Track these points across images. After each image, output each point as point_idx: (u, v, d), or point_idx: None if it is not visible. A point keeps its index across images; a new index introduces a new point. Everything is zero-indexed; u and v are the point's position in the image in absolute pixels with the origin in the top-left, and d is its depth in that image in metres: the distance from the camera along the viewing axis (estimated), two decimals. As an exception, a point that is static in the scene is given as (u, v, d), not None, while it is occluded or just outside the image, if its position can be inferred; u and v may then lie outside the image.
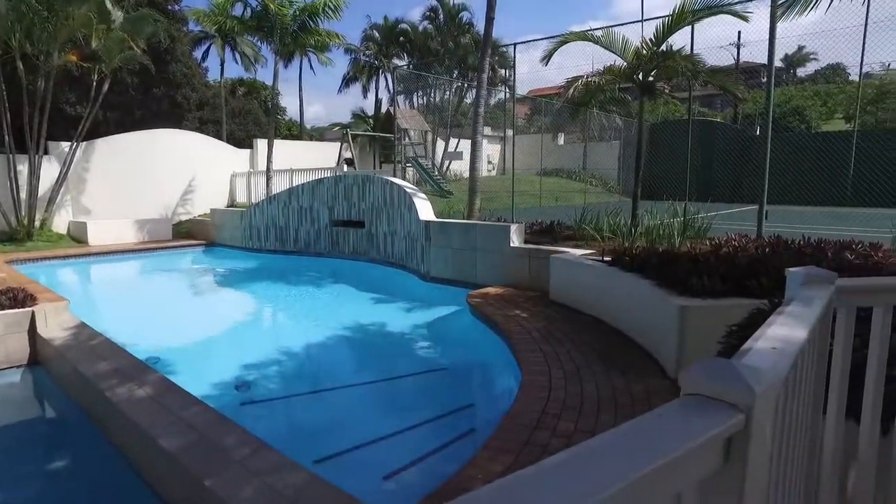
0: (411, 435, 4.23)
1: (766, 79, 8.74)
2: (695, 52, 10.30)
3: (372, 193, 10.91)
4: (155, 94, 19.13)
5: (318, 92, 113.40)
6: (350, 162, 20.39)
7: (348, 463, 3.80)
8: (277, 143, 18.57)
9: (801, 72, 44.07)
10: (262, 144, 18.82)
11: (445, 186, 20.36)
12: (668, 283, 4.82)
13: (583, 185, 24.09)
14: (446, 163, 29.54)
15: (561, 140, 31.67)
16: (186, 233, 15.32)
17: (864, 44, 14.02)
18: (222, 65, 26.59)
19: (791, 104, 25.72)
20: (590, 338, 5.39)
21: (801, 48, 41.02)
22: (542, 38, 10.14)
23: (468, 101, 30.61)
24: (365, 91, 35.02)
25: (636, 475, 0.65)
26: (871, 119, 23.44)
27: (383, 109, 32.77)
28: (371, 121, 32.70)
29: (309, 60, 30.66)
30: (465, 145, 26.17)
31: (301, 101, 34.17)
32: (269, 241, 12.94)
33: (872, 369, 1.91)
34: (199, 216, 16.44)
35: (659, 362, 4.68)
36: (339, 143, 21.30)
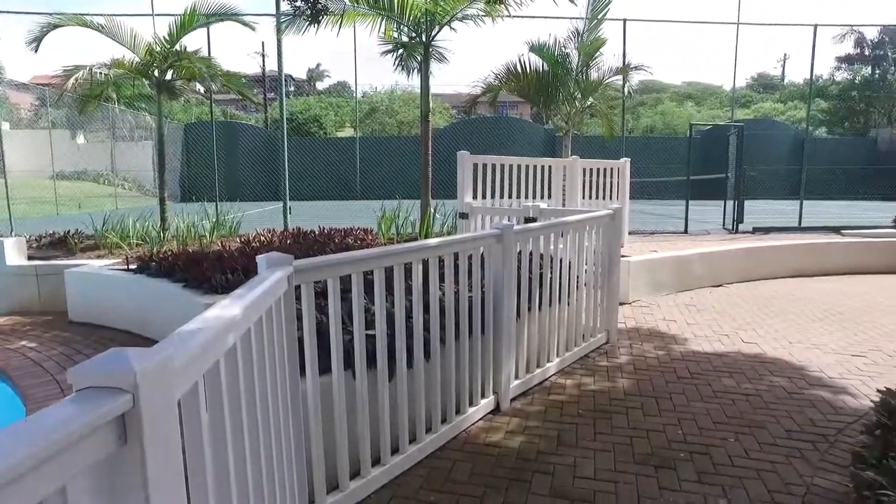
0: None
1: (279, 87, 9.57)
2: (214, 55, 10.46)
3: None
4: None
5: None
6: None
7: None
8: None
9: (320, 85, 49.99)
10: None
11: None
12: (195, 284, 4.82)
13: (113, 189, 21.63)
14: None
15: (81, 138, 27.51)
16: None
17: (356, 69, 17.11)
18: None
19: (311, 112, 29.04)
20: (117, 355, 4.92)
21: (318, 65, 46.77)
22: (30, 13, 8.52)
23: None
24: None
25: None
26: (369, 129, 28.67)
27: None
28: None
29: None
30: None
31: None
32: None
33: (332, 328, 2.35)
34: None
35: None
36: None
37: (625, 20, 10.40)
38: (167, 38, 8.47)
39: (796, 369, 4.29)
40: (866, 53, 37.45)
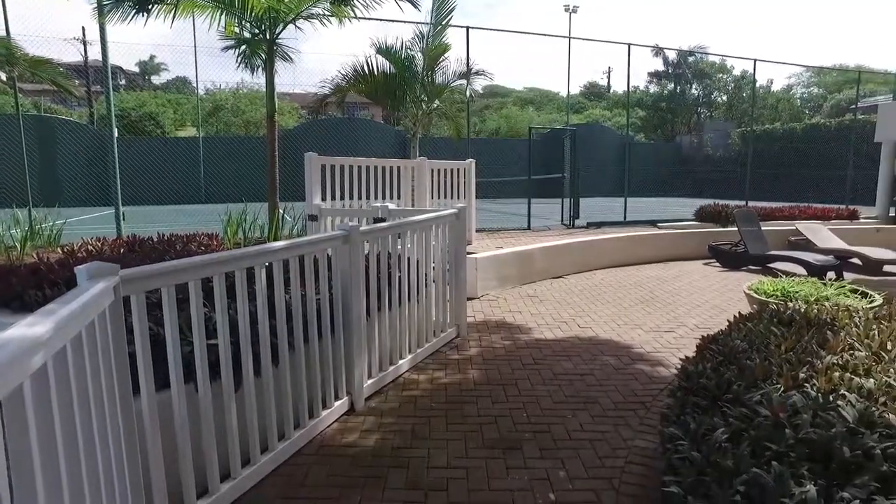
0: None
1: (100, 79, 8.66)
2: (19, 35, 9.17)
3: None
4: None
5: None
6: None
7: None
8: None
9: (157, 80, 45.90)
10: None
11: None
12: (3, 302, 4.24)
13: None
14: None
15: None
16: None
17: (196, 64, 16.01)
18: None
19: (146, 109, 26.54)
20: None
21: (152, 57, 42.83)
22: None
23: None
24: None
25: None
26: (213, 128, 26.93)
27: None
28: None
29: None
30: None
31: None
32: None
33: (169, 340, 2.21)
34: None
35: None
36: None
37: (468, 28, 10.88)
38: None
39: (623, 348, 4.82)
40: (670, 71, 43.19)
